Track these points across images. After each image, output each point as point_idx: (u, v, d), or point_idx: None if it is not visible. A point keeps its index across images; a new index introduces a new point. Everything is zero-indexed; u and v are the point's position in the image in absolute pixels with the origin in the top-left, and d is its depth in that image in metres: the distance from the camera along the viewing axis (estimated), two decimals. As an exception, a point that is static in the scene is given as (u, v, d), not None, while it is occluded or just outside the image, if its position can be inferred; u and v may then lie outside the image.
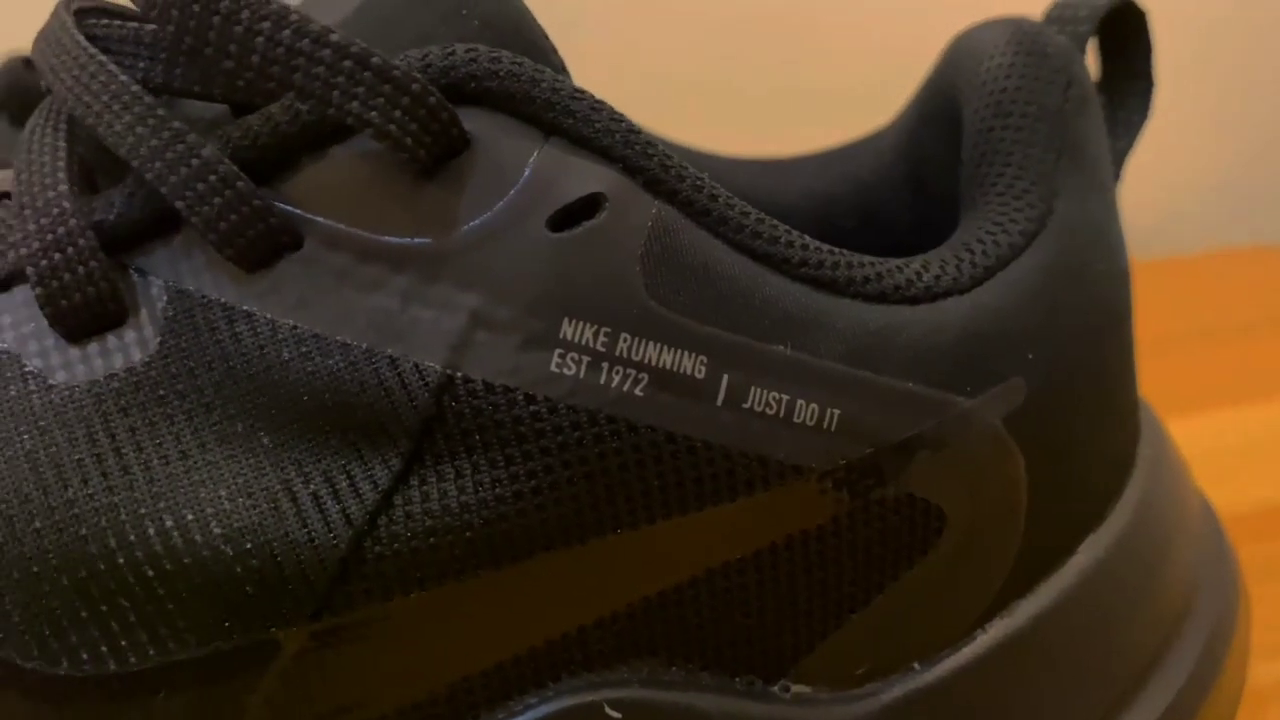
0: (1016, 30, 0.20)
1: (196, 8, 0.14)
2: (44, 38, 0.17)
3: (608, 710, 0.16)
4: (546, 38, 0.17)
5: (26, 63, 0.34)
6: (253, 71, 0.14)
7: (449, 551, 0.15)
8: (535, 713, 0.16)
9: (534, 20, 0.17)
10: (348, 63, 0.14)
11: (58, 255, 0.15)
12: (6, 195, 0.17)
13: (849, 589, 0.17)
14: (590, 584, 0.16)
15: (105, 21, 0.16)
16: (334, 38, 0.14)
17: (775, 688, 0.17)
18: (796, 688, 0.17)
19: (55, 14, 0.17)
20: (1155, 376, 0.24)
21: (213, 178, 0.15)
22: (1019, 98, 0.19)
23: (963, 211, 0.20)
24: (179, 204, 0.15)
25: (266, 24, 0.14)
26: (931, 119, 0.22)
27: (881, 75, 0.32)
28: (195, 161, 0.15)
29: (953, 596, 0.18)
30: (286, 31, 0.14)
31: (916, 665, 0.18)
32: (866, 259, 0.17)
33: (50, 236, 0.15)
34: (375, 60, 0.14)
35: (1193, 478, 0.22)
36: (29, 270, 0.15)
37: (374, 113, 0.14)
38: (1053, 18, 0.21)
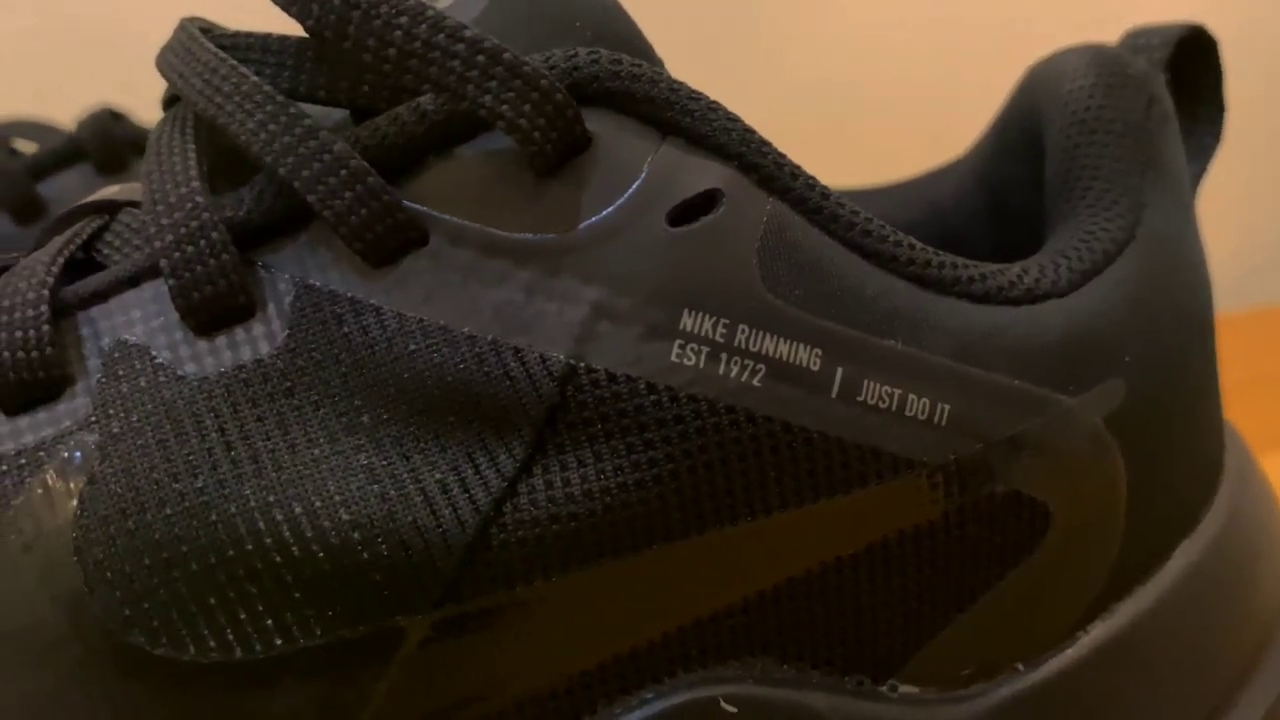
0: (1097, 55, 0.20)
1: (337, 1, 0.15)
2: (170, 50, 0.17)
3: (723, 704, 0.16)
4: (652, 49, 0.17)
5: (114, 115, 0.35)
6: (390, 64, 0.15)
7: (571, 539, 0.15)
8: (651, 708, 0.16)
9: (640, 32, 0.17)
10: (481, 57, 0.15)
11: (190, 249, 0.15)
12: (133, 204, 0.18)
13: (957, 587, 0.17)
14: (707, 576, 0.16)
15: (233, 32, 0.17)
16: (468, 33, 0.15)
17: (884, 687, 0.17)
18: (905, 687, 0.17)
19: (180, 29, 0.18)
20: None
21: (344, 172, 0.15)
22: (1103, 115, 0.20)
23: (1050, 224, 0.20)
24: (311, 198, 0.15)
25: (404, 18, 0.15)
26: (1011, 144, 0.22)
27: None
28: (327, 157, 0.15)
29: (1056, 597, 0.18)
30: (423, 26, 0.15)
31: (1020, 666, 0.18)
32: (967, 261, 0.17)
33: (184, 230, 0.15)
34: (507, 55, 0.15)
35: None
36: (163, 263, 0.15)
37: (505, 106, 0.15)
38: (1127, 45, 0.22)
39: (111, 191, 0.18)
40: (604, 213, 0.16)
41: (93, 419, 0.15)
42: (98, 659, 0.14)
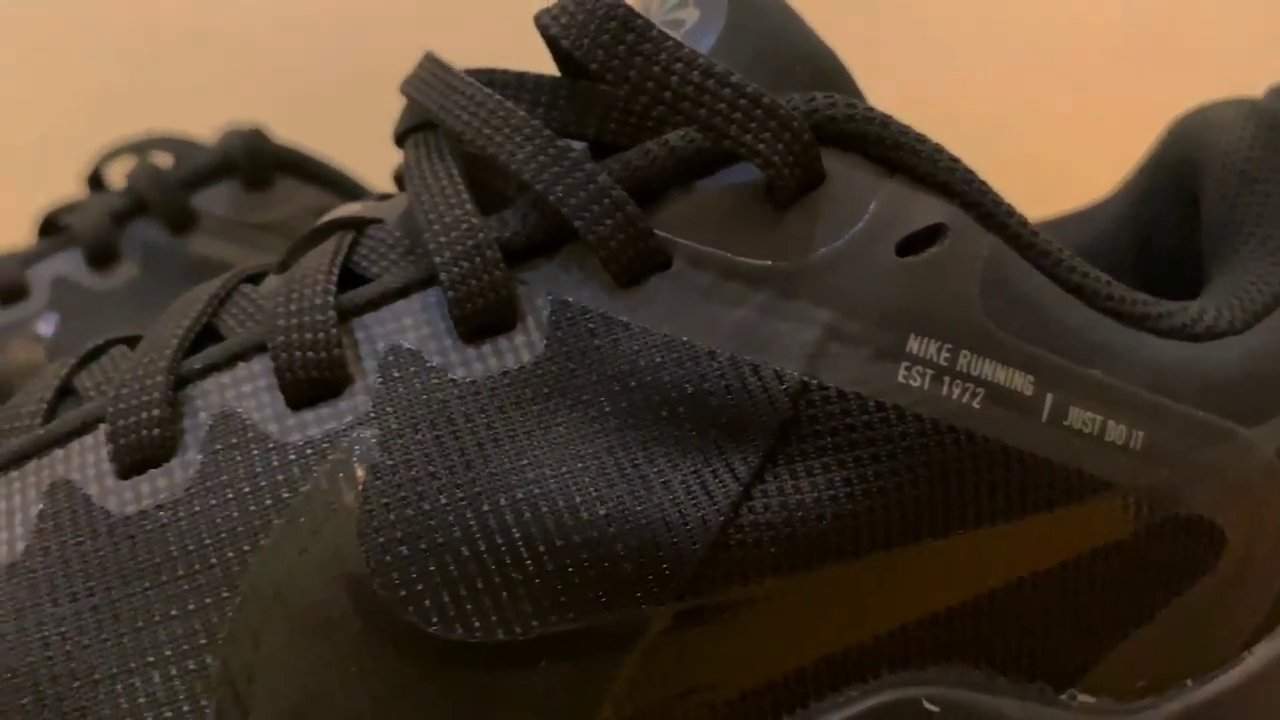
0: (1254, 109, 0.22)
1: (622, 49, 0.16)
2: (422, 83, 0.19)
3: (926, 705, 0.18)
4: (858, 89, 0.19)
5: (259, 133, 0.37)
6: (663, 105, 0.16)
7: (801, 544, 0.17)
8: (858, 705, 0.18)
9: (849, 75, 0.19)
10: (744, 100, 0.16)
11: (466, 264, 0.17)
12: (375, 221, 0.19)
13: (1138, 603, 0.18)
14: (920, 583, 0.17)
15: (486, 70, 0.18)
16: (734, 78, 0.16)
17: (1064, 695, 0.19)
18: (1083, 697, 0.19)
19: (426, 64, 0.19)
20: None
21: (607, 201, 0.17)
22: (1265, 166, 0.21)
23: (1209, 266, 0.21)
24: (578, 223, 0.17)
25: (679, 64, 0.16)
26: (1161, 189, 0.23)
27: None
28: (592, 187, 0.17)
29: (1227, 616, 0.19)
30: (695, 72, 0.16)
31: (1189, 682, 0.19)
32: (1149, 298, 0.19)
33: (460, 248, 0.17)
34: (766, 100, 0.16)
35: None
36: (443, 276, 0.17)
37: (762, 145, 0.16)
38: (1273, 98, 0.23)
39: (354, 209, 0.20)
40: (836, 243, 0.17)
41: (372, 415, 0.17)
42: (375, 635, 0.16)
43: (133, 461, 0.17)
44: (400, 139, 0.20)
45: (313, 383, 0.17)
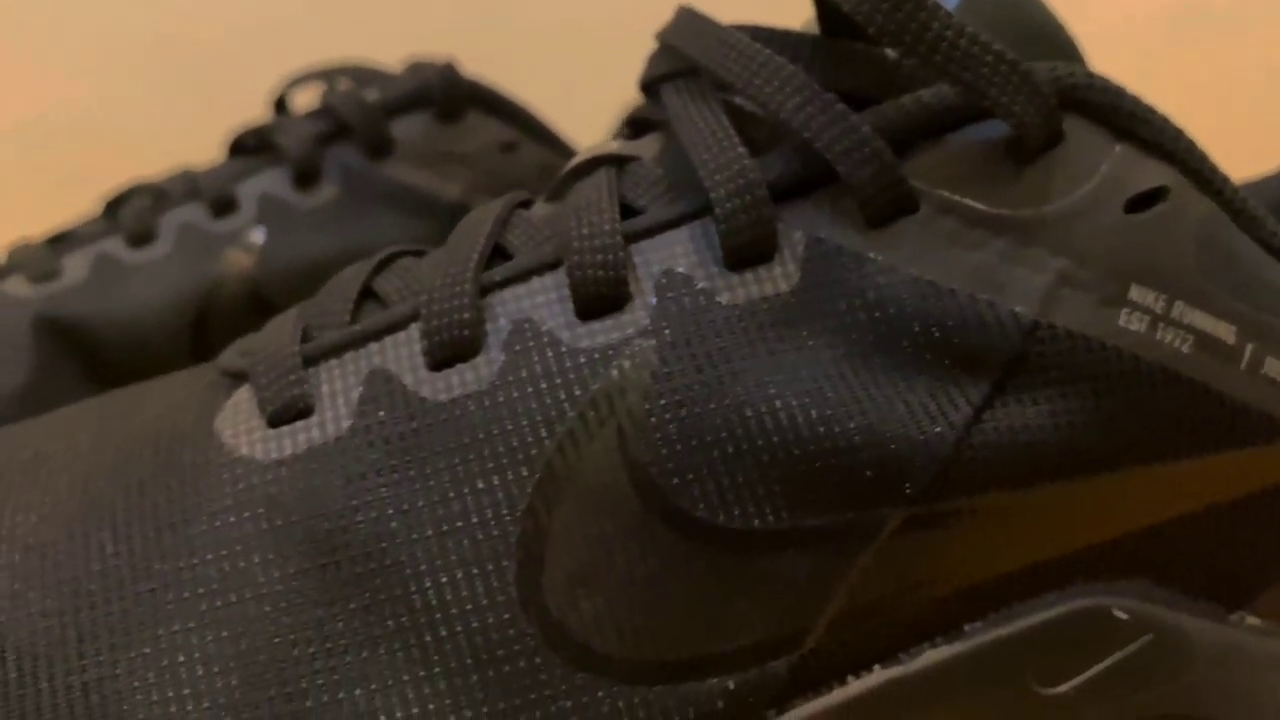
0: None
1: (900, 15, 0.18)
2: (685, 34, 0.21)
3: (1115, 613, 0.20)
4: (1087, 64, 0.21)
5: (449, 67, 0.40)
6: (932, 67, 0.18)
7: (1023, 464, 0.19)
8: (1055, 609, 0.20)
9: (1076, 48, 0.21)
10: (1004, 66, 0.18)
11: (739, 201, 0.19)
12: (634, 159, 0.21)
13: (1309, 537, 0.20)
14: (1121, 506, 0.19)
15: (749, 26, 0.20)
16: (996, 45, 0.18)
17: (1233, 616, 0.21)
18: (1250, 619, 0.21)
19: (685, 17, 0.21)
20: None
21: (867, 149, 0.19)
22: None
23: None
24: (840, 168, 0.19)
25: (949, 31, 0.18)
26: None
27: None
28: (855, 136, 0.19)
29: (1390, 556, 0.21)
30: (964, 39, 0.18)
31: (1351, 614, 0.21)
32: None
33: (733, 185, 0.19)
34: (1023, 66, 0.18)
35: None
36: (717, 210, 0.19)
37: (1017, 105, 0.18)
38: None
39: (611, 148, 0.22)
40: (1071, 198, 0.19)
41: (649, 329, 0.19)
42: (651, 515, 0.18)
43: (443, 357, 0.19)
44: (649, 86, 0.22)
45: (600, 299, 0.19)
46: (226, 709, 0.18)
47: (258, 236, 0.37)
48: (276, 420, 0.20)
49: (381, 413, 0.19)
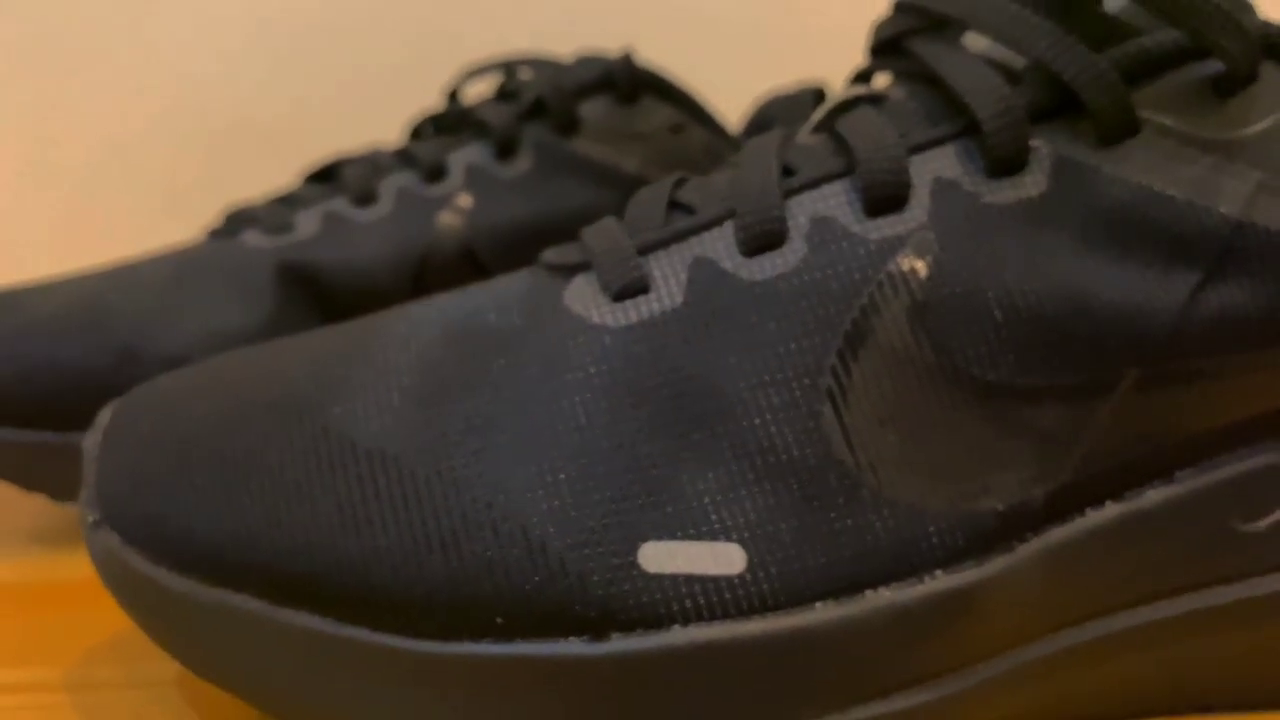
0: None
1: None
2: (935, -4, 0.26)
3: (1301, 466, 0.24)
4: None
5: (627, 57, 0.44)
6: (1168, 15, 0.23)
7: (1235, 335, 0.23)
8: (1246, 463, 0.24)
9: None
10: (1221, 16, 0.23)
11: (1004, 119, 0.24)
12: (884, 98, 0.26)
13: None
14: (1307, 373, 0.24)
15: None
16: (1224, 2, 0.23)
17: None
18: None
19: None
20: None
21: (1106, 82, 0.23)
22: None
23: None
24: (1085, 96, 0.23)
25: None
26: None
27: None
28: (1095, 70, 0.23)
29: None
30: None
31: None
32: None
33: (999, 107, 0.24)
34: (1237, 16, 0.23)
35: None
36: (986, 127, 0.24)
37: (1236, 48, 0.23)
38: None
39: (859, 90, 0.27)
40: (1265, 123, 0.24)
41: (927, 224, 0.24)
42: (936, 370, 0.23)
43: (756, 246, 0.24)
44: (892, 43, 0.27)
45: (887, 199, 0.24)
46: (592, 479, 0.22)
47: (467, 200, 0.42)
48: (621, 296, 0.24)
49: (708, 289, 0.24)
